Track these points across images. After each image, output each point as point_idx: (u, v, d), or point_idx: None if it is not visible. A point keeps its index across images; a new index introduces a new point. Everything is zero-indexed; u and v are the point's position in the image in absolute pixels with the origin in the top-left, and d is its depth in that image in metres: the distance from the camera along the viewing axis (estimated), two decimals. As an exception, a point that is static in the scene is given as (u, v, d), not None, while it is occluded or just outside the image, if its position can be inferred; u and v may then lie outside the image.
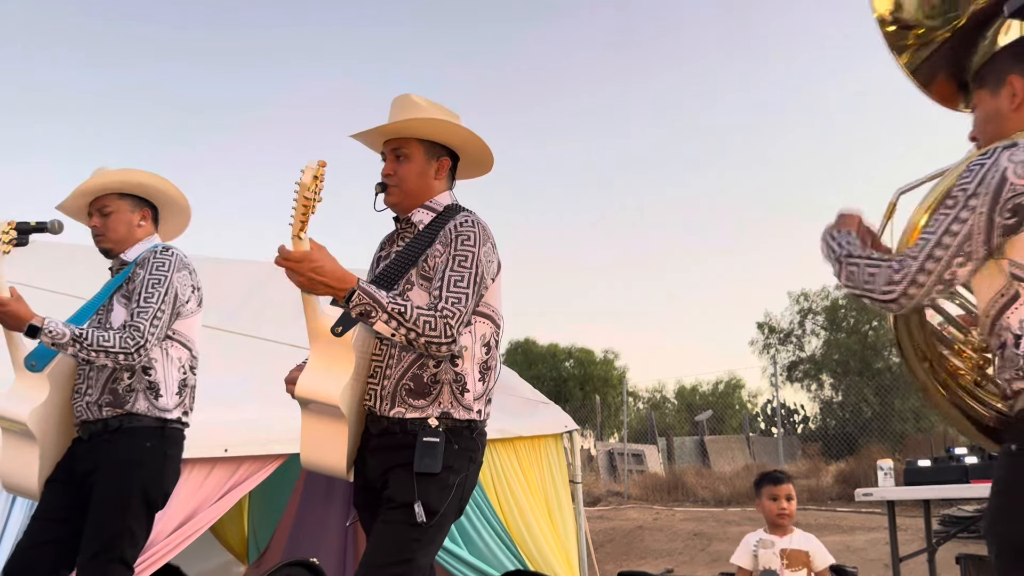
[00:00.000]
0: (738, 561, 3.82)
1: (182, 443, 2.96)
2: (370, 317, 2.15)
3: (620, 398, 19.50)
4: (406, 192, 2.44)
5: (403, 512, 2.23)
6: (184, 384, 2.94)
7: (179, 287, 2.89)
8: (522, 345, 28.39)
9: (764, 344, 23.56)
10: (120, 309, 2.88)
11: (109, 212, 2.99)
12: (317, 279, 2.12)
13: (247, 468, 3.68)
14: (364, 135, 2.50)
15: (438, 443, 2.26)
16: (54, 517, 2.79)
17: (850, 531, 8.92)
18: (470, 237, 2.32)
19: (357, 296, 2.13)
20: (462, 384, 2.33)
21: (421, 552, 2.25)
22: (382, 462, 2.34)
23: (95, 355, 2.70)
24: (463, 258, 2.30)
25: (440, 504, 2.26)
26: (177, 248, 3.01)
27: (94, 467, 2.78)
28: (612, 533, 10.14)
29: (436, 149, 2.47)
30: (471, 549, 4.54)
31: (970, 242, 1.69)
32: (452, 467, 2.29)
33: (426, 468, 2.24)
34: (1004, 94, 1.85)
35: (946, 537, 5.83)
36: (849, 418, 18.08)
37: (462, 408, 2.33)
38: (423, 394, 2.31)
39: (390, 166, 2.45)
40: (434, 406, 2.31)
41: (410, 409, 2.31)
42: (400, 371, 2.32)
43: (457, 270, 2.28)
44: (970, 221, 1.69)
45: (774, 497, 3.82)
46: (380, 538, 2.25)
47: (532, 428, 5.03)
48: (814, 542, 3.82)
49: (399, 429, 2.32)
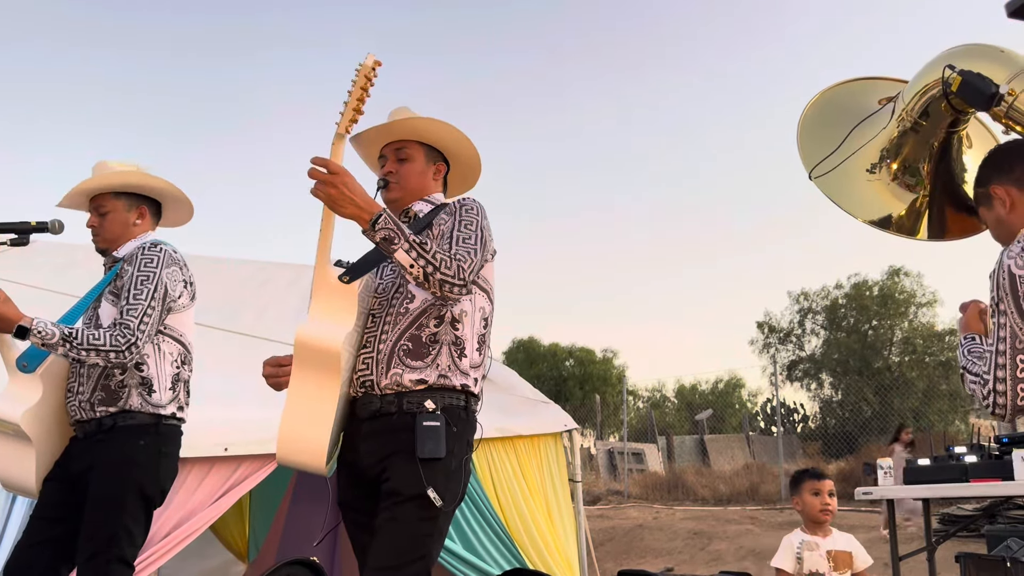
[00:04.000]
0: (780, 564, 3.65)
1: (179, 440, 2.94)
2: (392, 243, 2.12)
3: (620, 397, 19.50)
4: (406, 189, 2.48)
5: (413, 506, 2.13)
6: (177, 379, 2.92)
7: (169, 282, 2.87)
8: (525, 344, 28.43)
9: (764, 343, 23.58)
10: (109, 307, 2.86)
11: (105, 212, 2.98)
12: (347, 195, 2.10)
13: (247, 468, 3.68)
14: (360, 144, 2.56)
15: (439, 427, 2.18)
16: (53, 516, 2.78)
17: (850, 530, 8.91)
18: (474, 208, 2.38)
19: (383, 220, 2.11)
20: (461, 348, 2.29)
21: (434, 547, 2.18)
22: (378, 448, 2.23)
23: (85, 354, 2.68)
24: (468, 223, 2.33)
25: (449, 491, 2.17)
26: (167, 243, 2.99)
27: (89, 466, 2.77)
28: (612, 532, 10.14)
29: (434, 153, 2.55)
30: (470, 548, 4.54)
31: (1018, 337, 1.92)
32: (454, 451, 2.21)
33: (430, 453, 2.15)
34: (996, 204, 2.09)
35: (946, 536, 5.84)
36: (849, 417, 18.10)
37: (459, 372, 2.28)
38: (421, 355, 2.25)
39: (391, 165, 2.50)
40: (432, 368, 2.25)
41: (407, 371, 2.23)
42: (397, 333, 2.28)
43: (464, 231, 2.31)
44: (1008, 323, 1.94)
45: (817, 492, 3.66)
46: (391, 536, 2.13)
47: (532, 427, 5.03)
48: (855, 543, 3.69)
49: (395, 408, 2.22)
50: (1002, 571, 4.23)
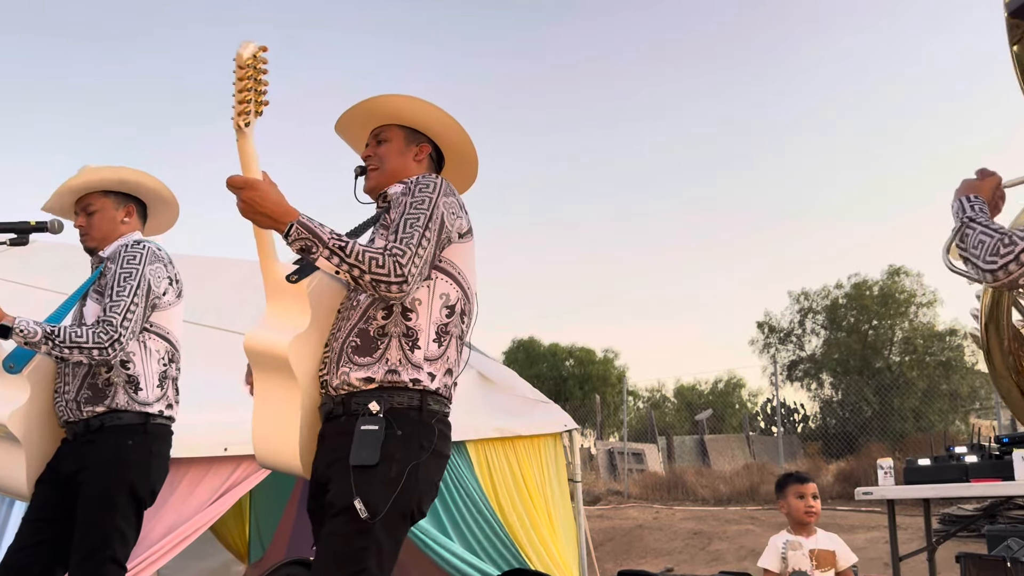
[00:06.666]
0: (766, 564, 3.78)
1: (169, 439, 2.93)
2: (311, 253, 2.01)
3: (620, 397, 19.50)
4: (385, 172, 2.38)
5: (345, 518, 2.01)
6: (165, 377, 2.91)
7: (152, 279, 2.85)
8: (525, 344, 28.43)
9: (764, 343, 23.56)
10: (94, 305, 2.85)
11: (93, 211, 2.98)
12: (257, 208, 2.00)
13: (246, 468, 3.68)
14: (347, 133, 2.51)
15: (376, 431, 2.04)
16: (45, 518, 2.78)
17: (850, 530, 8.91)
18: (430, 186, 2.23)
19: (295, 230, 2.00)
20: (413, 339, 2.14)
21: (374, 560, 2.01)
22: (326, 455, 2.14)
23: (68, 352, 2.67)
24: (419, 202, 2.18)
25: (383, 502, 2.00)
26: (151, 241, 2.99)
27: (79, 467, 2.76)
28: (612, 532, 10.14)
29: (416, 136, 2.43)
30: (470, 548, 4.55)
31: None
32: (395, 457, 2.04)
33: (362, 460, 2.02)
34: None
35: (946, 536, 5.84)
36: (849, 417, 18.08)
37: (411, 366, 2.12)
38: (369, 350, 2.13)
39: (370, 149, 2.42)
40: (380, 364, 2.11)
41: (354, 368, 2.12)
42: (347, 330, 2.18)
43: (412, 212, 2.16)
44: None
45: (801, 495, 3.81)
46: (326, 552, 2.04)
47: (531, 427, 5.03)
48: (838, 541, 3.82)
49: (342, 411, 2.13)
50: (1002, 571, 4.24)
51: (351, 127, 2.50)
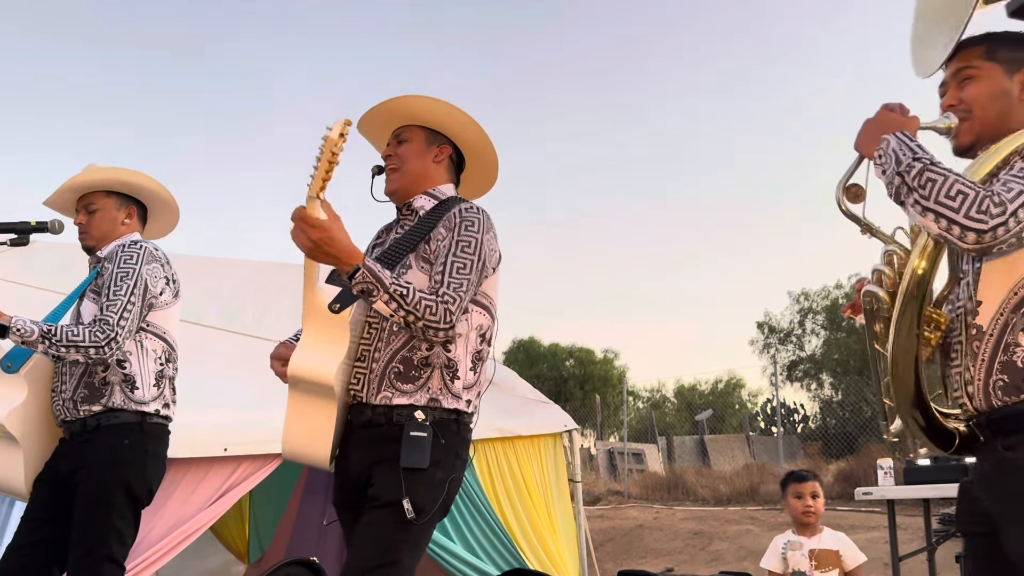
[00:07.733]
0: (767, 565, 3.76)
1: (166, 439, 2.93)
2: (371, 296, 2.10)
3: (620, 397, 19.49)
4: (405, 174, 2.42)
5: (389, 511, 2.15)
6: (162, 376, 2.91)
7: (149, 279, 2.86)
8: (525, 344, 28.42)
9: (764, 343, 23.58)
10: (91, 305, 2.86)
11: (95, 210, 2.99)
12: (325, 249, 2.06)
13: (246, 468, 3.68)
14: (369, 131, 2.52)
15: (426, 437, 2.18)
16: (44, 517, 2.78)
17: (850, 530, 8.91)
18: (475, 223, 2.29)
19: (361, 274, 2.08)
20: (453, 370, 2.26)
21: (407, 554, 2.17)
22: (366, 456, 2.25)
23: (65, 351, 2.68)
24: (467, 244, 2.25)
25: (428, 502, 2.17)
26: (148, 242, 3.00)
27: (77, 467, 2.77)
28: (612, 532, 10.14)
29: (437, 137, 2.46)
30: (470, 548, 4.54)
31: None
32: (440, 463, 2.21)
33: (414, 463, 2.16)
34: (1018, 80, 1.78)
35: (946, 536, 5.84)
36: (849, 417, 18.07)
37: (451, 396, 2.26)
38: (412, 378, 2.24)
39: (390, 148, 2.46)
40: (422, 392, 2.23)
41: (397, 394, 2.23)
42: (389, 354, 2.26)
43: (460, 256, 2.24)
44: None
45: (799, 495, 3.77)
46: (364, 540, 2.17)
47: (531, 427, 5.03)
48: (844, 541, 3.76)
49: (384, 420, 2.24)
50: (1002, 571, 4.22)
51: (373, 126, 2.52)
